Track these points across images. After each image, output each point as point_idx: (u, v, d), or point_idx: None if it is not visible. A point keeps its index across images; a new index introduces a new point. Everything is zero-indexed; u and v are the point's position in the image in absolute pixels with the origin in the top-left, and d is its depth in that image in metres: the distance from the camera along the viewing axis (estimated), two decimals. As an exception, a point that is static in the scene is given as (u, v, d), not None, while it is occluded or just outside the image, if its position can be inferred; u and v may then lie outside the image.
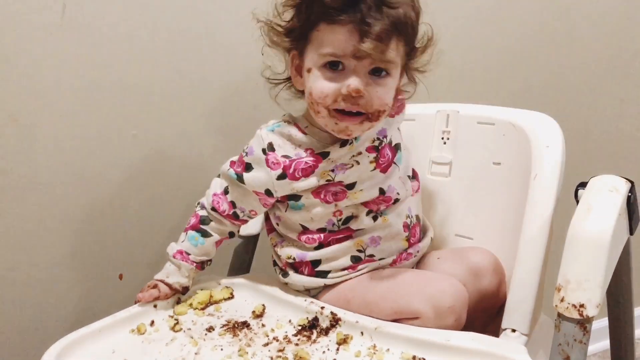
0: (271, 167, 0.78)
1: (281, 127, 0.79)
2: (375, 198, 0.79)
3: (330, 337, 0.72)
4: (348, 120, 0.73)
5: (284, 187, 0.78)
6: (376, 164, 0.79)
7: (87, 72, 0.93)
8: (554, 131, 0.79)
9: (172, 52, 0.99)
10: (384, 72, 0.72)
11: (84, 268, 1.00)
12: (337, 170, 0.78)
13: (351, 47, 0.68)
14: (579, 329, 0.62)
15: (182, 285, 0.82)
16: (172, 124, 1.02)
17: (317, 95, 0.72)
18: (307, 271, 0.81)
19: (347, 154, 0.78)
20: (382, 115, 0.74)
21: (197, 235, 0.83)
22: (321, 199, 0.78)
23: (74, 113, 0.94)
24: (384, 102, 0.73)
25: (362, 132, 0.75)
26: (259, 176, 0.78)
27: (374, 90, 0.71)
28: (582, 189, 0.71)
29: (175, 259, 0.82)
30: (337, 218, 0.79)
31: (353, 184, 0.78)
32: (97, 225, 0.99)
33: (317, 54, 0.72)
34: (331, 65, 0.71)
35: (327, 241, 0.80)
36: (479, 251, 0.80)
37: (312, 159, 0.77)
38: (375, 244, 0.80)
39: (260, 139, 0.79)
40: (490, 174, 0.86)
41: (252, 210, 0.83)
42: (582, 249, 0.63)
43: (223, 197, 0.82)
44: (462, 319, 0.72)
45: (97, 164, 0.97)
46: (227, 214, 0.82)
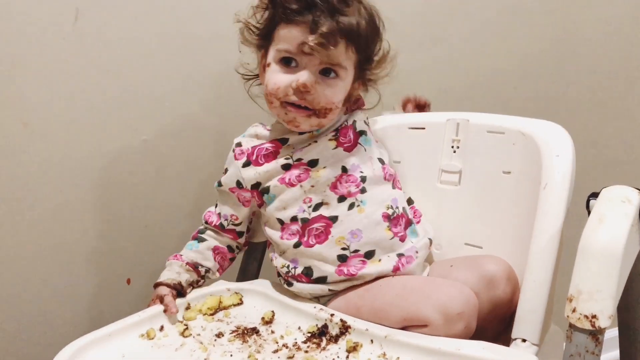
0: (237, 158, 0.86)
1: (249, 130, 0.89)
2: (338, 176, 0.82)
3: (339, 344, 0.72)
4: (296, 112, 0.80)
5: (250, 175, 0.84)
6: (337, 142, 0.84)
7: (99, 78, 0.94)
8: (564, 140, 0.79)
9: (183, 57, 0.99)
10: (333, 74, 0.79)
11: (93, 272, 1.00)
12: (295, 150, 0.83)
13: (300, 42, 0.76)
14: (591, 340, 0.62)
15: (173, 280, 0.82)
16: (184, 130, 1.02)
17: (271, 87, 0.80)
18: (305, 281, 0.82)
19: (306, 139, 0.84)
20: (329, 114, 0.81)
21: (194, 242, 0.88)
22: (286, 182, 0.82)
23: (85, 118, 0.94)
24: (331, 101, 0.80)
25: (310, 126, 0.82)
26: (230, 172, 0.86)
27: (321, 88, 0.79)
28: (594, 199, 0.71)
29: (168, 261, 0.86)
30: (307, 205, 0.82)
31: (315, 161, 0.82)
32: (105, 230, 1.00)
33: (275, 49, 0.80)
34: (286, 62, 0.79)
35: (304, 233, 0.81)
36: (493, 259, 0.80)
37: (271, 144, 0.85)
38: (357, 238, 0.80)
39: (233, 144, 0.88)
40: (500, 183, 0.86)
41: (233, 215, 0.88)
42: (594, 259, 0.62)
43: (213, 210, 0.90)
44: (471, 325, 0.71)
45: (107, 169, 0.98)
46: (215, 225, 0.88)
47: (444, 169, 0.93)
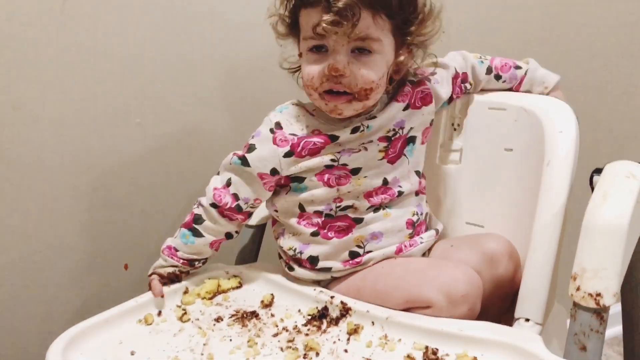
0: (278, 144, 0.77)
1: (289, 109, 0.80)
2: (377, 187, 0.78)
3: (340, 327, 0.71)
4: (335, 99, 0.74)
5: (290, 165, 0.77)
6: (385, 154, 0.78)
7: (89, 60, 0.92)
8: (567, 116, 0.77)
9: (176, 38, 0.97)
10: (366, 50, 0.72)
11: (89, 257, 0.99)
12: (343, 152, 0.77)
13: (313, 25, 0.70)
14: (596, 319, 0.61)
15: (167, 271, 0.81)
16: (177, 112, 1.00)
17: (306, 79, 0.75)
18: (309, 267, 0.80)
19: (357, 140, 0.77)
20: (370, 94, 0.74)
21: (189, 234, 0.81)
22: (324, 181, 0.77)
23: (76, 102, 0.92)
24: (369, 80, 0.73)
25: (354, 111, 0.76)
26: (264, 155, 0.78)
27: (356, 68, 0.72)
28: (597, 176, 0.70)
29: (163, 254, 0.82)
30: (336, 204, 0.78)
31: (358, 169, 0.78)
32: (102, 215, 0.98)
33: (303, 39, 0.75)
34: (316, 49, 0.73)
35: (325, 227, 0.79)
36: (494, 237, 0.79)
37: (320, 139, 0.77)
38: (376, 240, 0.79)
39: (269, 120, 0.79)
40: (502, 161, 0.84)
41: (256, 199, 0.81)
42: (598, 236, 0.61)
43: (224, 190, 0.80)
44: (476, 308, 0.70)
45: (101, 153, 0.96)
46: (229, 207, 0.79)
47: (443, 147, 0.91)
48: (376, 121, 0.77)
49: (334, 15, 0.68)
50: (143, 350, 0.68)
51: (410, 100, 0.80)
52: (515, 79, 0.87)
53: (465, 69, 0.86)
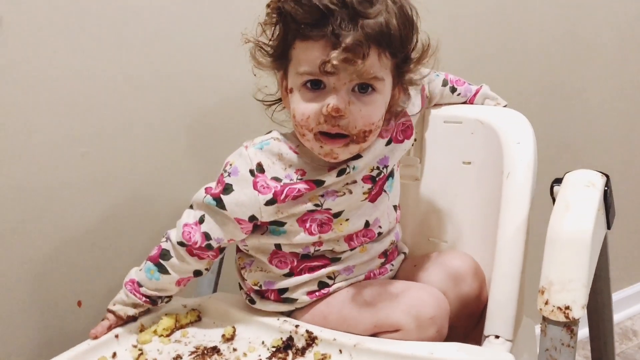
0: (260, 190, 0.71)
1: (270, 145, 0.73)
2: (358, 231, 0.75)
3: (307, 357, 0.68)
4: (331, 143, 0.68)
5: (271, 213, 0.72)
6: (368, 195, 0.74)
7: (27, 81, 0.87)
8: (524, 127, 0.77)
9: (141, 70, 0.93)
10: (370, 88, 0.67)
11: (36, 294, 0.93)
12: (327, 196, 0.72)
13: (321, 62, 0.64)
14: (566, 332, 0.60)
15: (127, 313, 0.76)
16: (127, 138, 0.96)
17: (299, 118, 0.68)
18: (273, 297, 0.77)
19: (342, 181, 0.72)
20: (369, 136, 0.69)
21: (154, 269, 0.76)
22: (305, 228, 0.73)
23: (26, 131, 0.87)
24: (370, 122, 0.68)
25: (349, 154, 0.71)
26: (242, 200, 0.71)
27: (357, 109, 0.67)
28: (558, 186, 0.69)
29: (126, 288, 0.76)
30: (314, 247, 0.75)
31: (340, 212, 0.73)
32: (49, 249, 0.93)
33: (295, 73, 0.68)
34: (312, 85, 0.67)
35: (299, 268, 0.75)
36: (457, 255, 0.78)
37: (305, 186, 0.71)
38: (348, 272, 0.76)
39: (248, 158, 0.72)
40: (461, 174, 0.84)
41: (230, 240, 0.75)
42: (563, 248, 0.61)
43: (196, 228, 0.73)
44: (443, 330, 0.69)
45: (47, 184, 0.90)
46: (199, 247, 0.73)
47: (403, 163, 0.89)
48: (361, 161, 0.72)
49: (344, 52, 0.62)
50: (97, 398, 0.63)
51: (392, 134, 0.75)
52: (469, 92, 0.87)
53: (422, 82, 0.84)
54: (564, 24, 1.32)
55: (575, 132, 1.39)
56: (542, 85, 1.32)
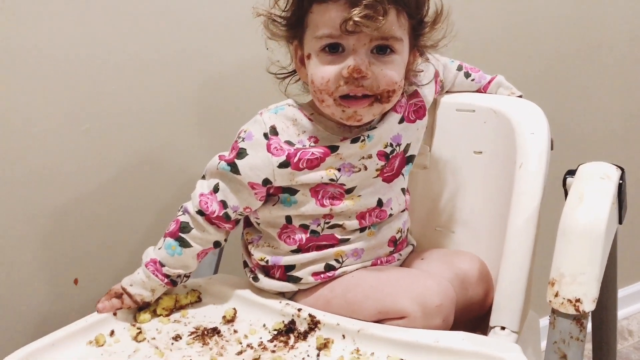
0: (273, 152, 0.71)
1: (285, 110, 0.73)
2: (371, 208, 0.74)
3: (309, 341, 0.67)
4: (355, 104, 0.68)
5: (284, 177, 0.71)
6: (380, 173, 0.74)
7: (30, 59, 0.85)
8: (538, 118, 0.76)
9: (148, 41, 0.91)
10: (389, 50, 0.67)
11: (33, 271, 0.92)
12: (343, 170, 0.72)
13: (342, 21, 0.64)
14: (576, 326, 0.59)
15: (144, 299, 0.74)
16: (132, 116, 0.94)
17: (318, 82, 0.68)
18: (279, 274, 0.76)
19: (358, 153, 0.72)
20: (392, 96, 0.69)
21: (175, 244, 0.74)
22: (317, 199, 0.72)
23: (31, 107, 0.86)
24: (392, 81, 0.68)
25: (372, 116, 0.71)
26: (256, 163, 0.71)
27: (378, 69, 0.67)
28: (571, 177, 0.68)
29: (147, 269, 0.74)
30: (324, 221, 0.74)
31: (352, 188, 0.73)
32: (47, 224, 0.91)
33: (314, 38, 0.68)
34: (330, 49, 0.67)
35: (307, 246, 0.74)
36: (466, 257, 0.77)
37: (319, 150, 0.71)
38: (356, 256, 0.75)
39: (262, 123, 0.72)
40: (472, 164, 0.83)
41: (246, 207, 0.74)
42: (576, 240, 0.60)
43: (212, 197, 0.73)
44: (449, 319, 0.68)
45: (47, 160, 0.89)
46: (216, 216, 0.73)
47: (411, 151, 0.88)
48: (376, 132, 0.72)
49: (365, 8, 0.63)
50: (94, 375, 0.62)
51: (404, 113, 0.75)
52: (484, 79, 0.85)
53: (437, 67, 0.83)
54: (578, 15, 1.30)
55: (585, 125, 1.38)
56: (555, 76, 1.30)
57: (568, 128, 1.34)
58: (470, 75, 0.85)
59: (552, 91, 1.30)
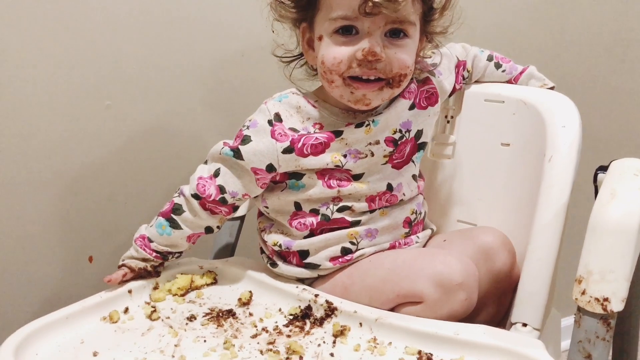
0: (277, 138, 0.71)
1: (289, 98, 0.74)
2: (381, 192, 0.73)
3: (325, 328, 0.66)
4: (365, 87, 0.68)
5: (289, 163, 0.71)
6: (389, 159, 0.74)
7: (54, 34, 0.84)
8: (570, 110, 0.74)
9: (154, 21, 0.90)
10: (402, 33, 0.68)
11: (49, 248, 0.92)
12: (349, 156, 0.72)
13: (361, 2, 0.64)
14: (602, 325, 0.57)
15: (138, 267, 0.74)
16: (153, 94, 0.93)
17: (329, 62, 0.68)
18: (296, 261, 0.75)
19: (364, 139, 0.72)
20: (403, 81, 0.69)
21: (165, 224, 0.74)
22: (324, 181, 0.72)
23: (40, 80, 0.85)
24: (405, 65, 0.68)
25: (381, 100, 0.71)
26: (260, 149, 0.71)
27: (392, 53, 0.67)
28: (603, 173, 0.66)
29: (136, 244, 0.75)
30: (334, 204, 0.73)
31: (360, 175, 0.73)
32: (65, 202, 0.91)
33: (327, 19, 0.67)
34: (344, 31, 0.67)
35: (318, 230, 0.74)
36: (488, 230, 0.75)
37: (323, 135, 0.71)
38: (370, 237, 0.74)
39: (266, 110, 0.73)
40: (498, 156, 0.81)
41: (245, 194, 0.74)
42: (606, 236, 0.57)
43: (210, 181, 0.73)
44: (472, 298, 0.66)
45: (66, 136, 0.89)
46: (212, 200, 0.73)
47: (436, 141, 0.86)
48: (382, 117, 0.72)
49: None
50: (107, 351, 0.62)
51: (415, 99, 0.75)
52: (515, 70, 0.84)
53: (464, 57, 0.82)
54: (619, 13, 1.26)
55: (622, 121, 1.34)
56: (586, 71, 1.27)
57: (599, 123, 1.31)
58: (501, 65, 0.83)
59: (583, 86, 1.27)
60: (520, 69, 0.84)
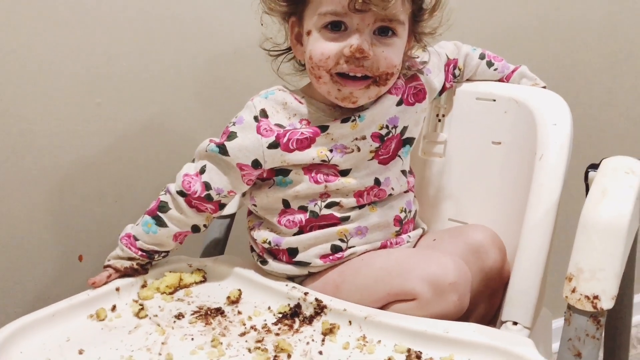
0: (263, 134, 0.71)
1: (275, 95, 0.74)
2: (369, 187, 0.73)
3: (314, 326, 0.65)
4: (352, 85, 0.68)
5: (275, 158, 0.71)
6: (375, 155, 0.73)
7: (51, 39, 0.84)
8: (561, 109, 0.74)
9: (145, 19, 0.90)
10: (391, 32, 0.68)
11: (39, 247, 0.91)
12: (335, 151, 0.72)
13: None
14: (592, 323, 0.57)
15: (124, 266, 0.74)
16: (143, 92, 0.92)
17: (317, 58, 0.67)
18: (285, 259, 0.74)
19: (350, 134, 0.72)
20: (390, 79, 0.70)
21: (151, 222, 0.74)
22: (311, 176, 0.72)
23: (36, 81, 0.85)
24: (392, 64, 0.68)
25: (368, 98, 0.71)
26: (246, 144, 0.71)
27: (379, 51, 0.67)
28: (593, 171, 0.66)
29: (121, 243, 0.74)
30: (322, 200, 0.73)
31: (347, 170, 0.72)
32: (55, 201, 0.90)
33: (317, 14, 0.67)
34: (333, 27, 0.67)
35: (307, 226, 0.73)
36: (478, 228, 0.75)
37: (309, 130, 0.71)
38: (361, 235, 0.73)
39: (252, 107, 0.72)
40: (489, 154, 0.80)
41: (230, 191, 0.73)
42: (597, 235, 0.57)
43: (196, 178, 0.73)
44: (464, 299, 0.65)
45: (54, 134, 0.88)
46: (198, 196, 0.72)
47: (427, 139, 0.86)
48: (368, 112, 0.72)
49: None
50: (93, 348, 0.61)
51: (403, 95, 0.75)
52: (507, 68, 0.84)
53: (456, 55, 0.82)
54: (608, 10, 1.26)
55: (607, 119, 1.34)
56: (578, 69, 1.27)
57: (590, 122, 1.31)
58: (493, 64, 0.83)
59: (574, 84, 1.27)
60: (512, 67, 0.84)
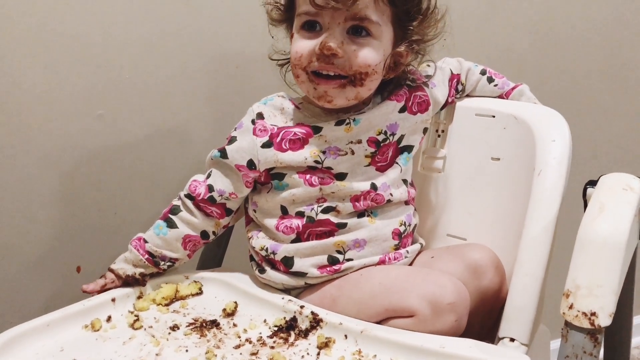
0: (257, 134, 0.73)
1: (274, 101, 0.76)
2: (365, 192, 0.73)
3: (310, 340, 0.65)
4: (325, 83, 0.69)
5: (268, 158, 0.72)
6: (371, 160, 0.74)
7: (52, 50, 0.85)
8: (560, 125, 0.74)
9: (147, 29, 0.90)
10: (364, 32, 0.68)
11: (36, 258, 0.91)
12: (328, 153, 0.72)
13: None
14: (589, 340, 0.56)
15: (126, 272, 0.74)
16: (145, 107, 0.93)
17: (293, 57, 0.70)
18: (283, 269, 0.74)
19: (344, 137, 0.72)
20: (365, 80, 0.69)
21: (163, 225, 0.76)
22: (305, 179, 0.73)
23: (37, 93, 0.85)
24: (365, 63, 0.68)
25: (346, 99, 0.71)
26: (242, 146, 0.73)
27: (351, 49, 0.68)
28: (592, 188, 0.66)
29: (131, 244, 0.76)
30: (318, 204, 0.73)
31: (343, 174, 0.73)
32: (54, 212, 0.90)
33: (296, 15, 0.71)
34: (308, 27, 0.69)
35: (305, 232, 0.73)
36: (477, 247, 0.74)
37: (302, 130, 0.72)
38: (358, 247, 0.73)
39: (251, 112, 0.75)
40: (488, 170, 0.80)
41: (232, 193, 0.75)
42: (594, 251, 0.57)
43: (202, 182, 0.76)
44: (462, 321, 0.65)
45: (55, 145, 0.88)
46: (202, 199, 0.75)
47: (426, 154, 0.86)
48: (364, 116, 0.73)
49: None
50: (86, 359, 0.60)
51: (407, 102, 0.75)
52: (507, 85, 0.84)
53: (459, 70, 0.83)
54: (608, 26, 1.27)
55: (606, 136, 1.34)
56: (578, 87, 1.27)
57: (589, 138, 1.31)
58: (493, 80, 0.84)
59: (574, 101, 1.27)
60: (512, 85, 0.84)
